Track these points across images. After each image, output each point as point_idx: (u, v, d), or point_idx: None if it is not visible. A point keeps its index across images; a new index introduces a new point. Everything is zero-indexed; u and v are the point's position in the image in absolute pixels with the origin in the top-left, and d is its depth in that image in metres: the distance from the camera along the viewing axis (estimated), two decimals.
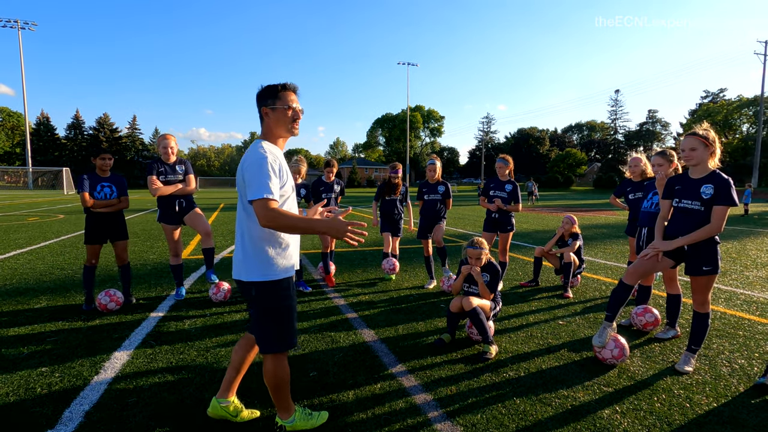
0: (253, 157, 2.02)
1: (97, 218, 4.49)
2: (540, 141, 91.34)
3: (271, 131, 2.17)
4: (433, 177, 5.66)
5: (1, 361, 3.19)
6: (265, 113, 2.15)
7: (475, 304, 3.50)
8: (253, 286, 2.10)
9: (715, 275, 3.07)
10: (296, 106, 2.17)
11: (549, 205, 25.65)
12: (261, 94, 2.17)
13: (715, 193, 2.95)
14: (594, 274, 6.41)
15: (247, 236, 2.11)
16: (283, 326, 2.15)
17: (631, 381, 2.98)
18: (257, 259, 2.09)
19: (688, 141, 3.05)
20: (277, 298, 2.13)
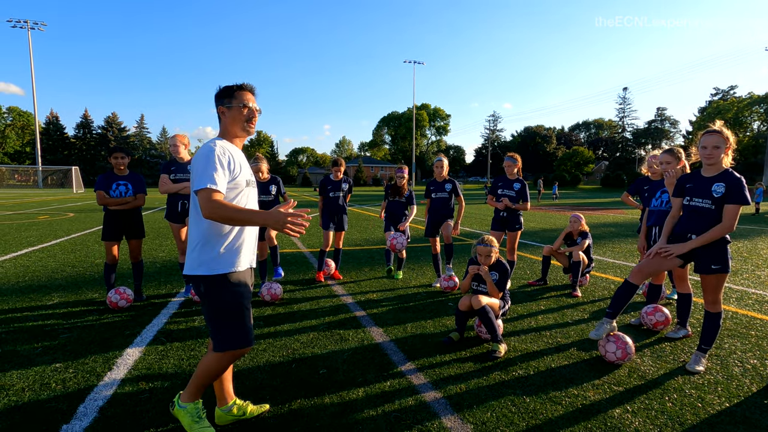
0: (202, 151, 2.04)
1: (114, 216, 4.57)
2: (547, 139, 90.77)
3: (227, 130, 2.19)
4: (440, 175, 5.65)
5: (16, 357, 3.25)
6: (222, 112, 2.17)
7: (484, 302, 3.49)
8: (201, 280, 2.07)
9: (725, 274, 3.03)
10: (252, 105, 2.18)
11: (556, 204, 25.49)
12: (218, 93, 2.18)
13: (726, 191, 2.92)
14: (603, 273, 6.37)
15: (195, 229, 2.08)
16: (234, 323, 2.10)
17: (641, 380, 2.96)
18: (206, 252, 2.05)
19: (713, 138, 2.98)
20: (225, 293, 2.07)
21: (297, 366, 3.15)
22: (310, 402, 2.64)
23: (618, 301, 3.22)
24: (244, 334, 2.12)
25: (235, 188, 2.10)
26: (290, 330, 3.91)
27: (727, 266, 3.00)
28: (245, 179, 2.16)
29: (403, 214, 6.04)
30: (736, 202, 2.90)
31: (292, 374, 3.02)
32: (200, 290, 2.09)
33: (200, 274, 2.05)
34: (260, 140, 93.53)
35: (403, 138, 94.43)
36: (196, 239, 2.07)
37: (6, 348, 3.42)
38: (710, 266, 3.00)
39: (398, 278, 5.90)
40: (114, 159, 4.56)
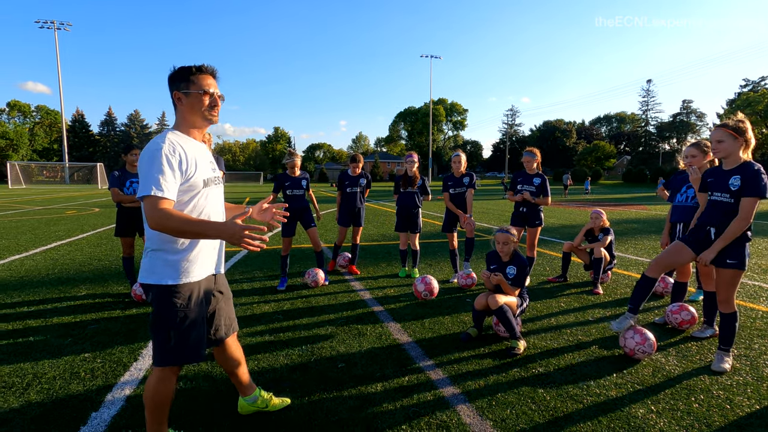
0: (148, 149, 1.78)
1: (126, 212, 4.72)
2: (566, 133, 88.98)
3: (184, 119, 1.92)
4: (458, 170, 5.59)
5: (48, 347, 3.37)
6: (177, 98, 1.89)
7: (501, 301, 3.44)
8: (150, 289, 1.89)
9: (741, 271, 2.95)
10: (214, 91, 1.92)
11: (576, 200, 25.01)
12: (172, 76, 1.89)
13: (742, 184, 2.87)
14: (625, 270, 6.23)
15: (147, 234, 1.89)
16: (176, 337, 1.89)
17: (666, 379, 2.89)
18: (156, 259, 1.87)
19: (715, 133, 3.00)
20: (171, 305, 1.87)
21: (316, 360, 3.18)
22: (330, 395, 2.67)
23: (638, 295, 3.23)
24: (185, 350, 1.91)
25: (190, 190, 1.86)
26: (309, 324, 3.95)
27: (743, 263, 2.93)
28: (202, 178, 1.90)
29: (416, 206, 5.71)
30: (751, 195, 2.84)
31: (311, 368, 3.05)
32: (149, 298, 1.93)
33: (149, 283, 1.88)
34: (278, 136, 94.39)
35: (420, 133, 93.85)
36: (148, 245, 1.90)
37: (38, 338, 3.56)
38: (725, 260, 2.95)
39: (414, 276, 5.75)
40: (132, 156, 4.68)
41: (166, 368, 1.94)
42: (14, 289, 5.00)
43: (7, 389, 2.71)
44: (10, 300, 4.59)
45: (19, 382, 2.80)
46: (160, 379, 1.94)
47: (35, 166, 60.08)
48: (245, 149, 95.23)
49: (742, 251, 2.93)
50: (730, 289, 3.00)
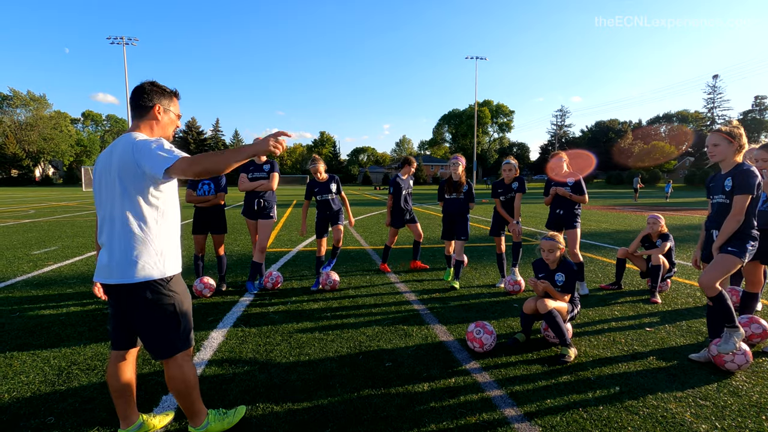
0: (145, 140, 1.93)
1: (199, 212, 5.11)
2: (621, 134, 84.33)
3: (155, 129, 2.11)
4: (509, 177, 5.50)
5: None
6: (159, 111, 2.10)
7: (551, 306, 3.38)
8: (147, 286, 1.95)
9: (737, 260, 3.06)
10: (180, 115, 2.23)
11: (633, 204, 23.65)
12: (159, 91, 2.11)
13: (733, 183, 3.08)
14: (687, 279, 5.86)
15: (129, 234, 1.93)
16: (185, 322, 2.08)
17: (733, 396, 2.72)
18: (148, 256, 1.95)
19: (712, 137, 3.18)
20: (175, 293, 2.04)
21: (364, 358, 3.28)
22: (378, 393, 2.75)
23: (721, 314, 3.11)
24: (191, 331, 2.14)
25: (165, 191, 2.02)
26: (356, 323, 4.06)
27: (742, 254, 3.05)
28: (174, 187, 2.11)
29: (464, 212, 5.39)
30: (740, 193, 3.04)
31: (359, 365, 3.15)
32: (144, 297, 1.96)
33: (151, 279, 1.96)
34: (323, 140, 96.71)
35: (464, 135, 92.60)
36: (133, 242, 1.93)
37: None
38: (727, 248, 3.11)
39: (455, 285, 5.30)
40: None
41: (181, 353, 2.09)
42: (92, 283, 5.50)
43: (90, 371, 3.03)
44: (89, 290, 5.07)
45: (100, 365, 3.11)
46: (184, 362, 2.10)
47: None
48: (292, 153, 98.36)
49: (744, 244, 3.07)
50: (714, 274, 3.05)
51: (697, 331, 3.86)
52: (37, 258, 7.11)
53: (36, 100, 70.25)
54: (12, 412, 2.51)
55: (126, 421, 2.21)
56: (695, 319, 4.19)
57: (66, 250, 7.84)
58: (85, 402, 2.62)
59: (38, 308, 4.44)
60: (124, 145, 1.95)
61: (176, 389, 2.10)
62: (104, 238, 1.99)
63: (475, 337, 3.34)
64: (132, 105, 2.10)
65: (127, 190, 1.92)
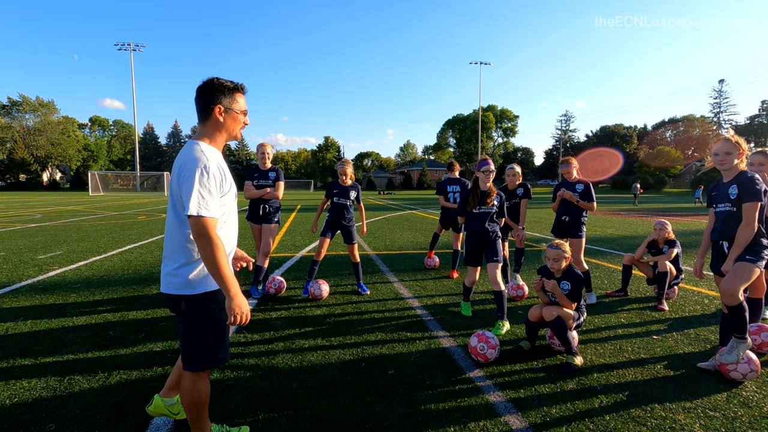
0: (192, 165, 1.82)
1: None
2: (626, 139, 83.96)
3: (218, 132, 2.01)
4: (513, 183, 5.48)
5: (125, 341, 3.70)
6: (219, 112, 1.97)
7: (556, 313, 3.33)
8: (183, 299, 1.94)
9: (755, 267, 3.02)
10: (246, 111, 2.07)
11: (638, 209, 23.47)
12: (216, 89, 1.96)
13: (739, 191, 3.06)
14: (694, 285, 5.78)
15: (176, 247, 1.93)
16: (214, 341, 2.01)
17: (743, 407, 2.66)
18: (188, 270, 1.92)
19: (726, 145, 3.14)
20: (209, 311, 1.98)
21: (366, 365, 3.25)
22: (381, 400, 2.71)
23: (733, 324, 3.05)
24: (225, 350, 2.07)
25: (224, 205, 1.96)
26: (359, 330, 4.03)
27: (758, 260, 3.03)
28: (234, 193, 2.05)
29: (493, 232, 4.23)
30: (749, 200, 3.02)
31: (362, 373, 3.11)
32: (180, 309, 1.96)
33: (185, 294, 1.93)
34: (328, 145, 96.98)
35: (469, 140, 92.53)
36: (178, 257, 1.93)
37: (117, 331, 3.92)
38: (745, 256, 3.08)
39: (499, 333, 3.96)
40: None
41: (201, 373, 2.05)
42: (96, 287, 5.53)
43: (91, 377, 3.02)
44: (93, 297, 5.08)
45: (102, 371, 3.10)
46: (198, 380, 2.04)
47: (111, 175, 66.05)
48: (297, 158, 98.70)
49: (760, 252, 3.04)
50: (739, 282, 2.97)
51: (706, 339, 3.80)
52: (43, 262, 7.14)
53: (44, 105, 71.09)
54: (13, 418, 2.50)
55: (164, 391, 2.38)
56: (703, 327, 4.13)
57: (71, 255, 7.88)
58: (86, 408, 2.60)
59: (42, 313, 4.45)
60: (179, 157, 1.93)
61: (185, 401, 2.08)
62: (164, 242, 2.02)
63: (479, 353, 3.28)
64: (196, 106, 1.99)
65: (175, 205, 1.92)
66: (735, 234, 3.10)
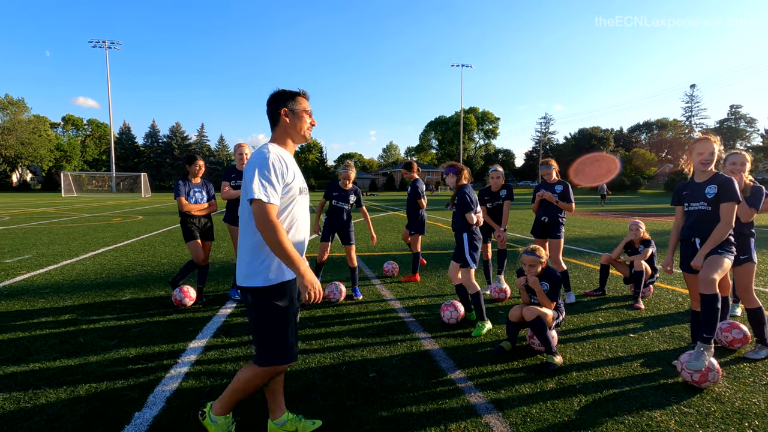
0: (256, 157, 1.99)
1: (192, 220, 4.95)
2: (603, 141, 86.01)
3: (286, 134, 2.15)
4: (497, 185, 5.50)
5: (95, 348, 3.56)
6: (285, 114, 2.12)
7: (537, 313, 3.36)
8: (249, 291, 2.02)
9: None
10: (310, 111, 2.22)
11: (615, 209, 24.05)
12: (281, 95, 2.14)
13: (718, 191, 3.14)
14: (668, 284, 5.93)
15: (246, 237, 2.03)
16: (279, 337, 2.04)
17: (716, 403, 2.72)
18: (256, 262, 2.00)
19: (711, 145, 3.23)
20: (274, 305, 2.02)
21: (347, 368, 3.20)
22: (362, 405, 2.67)
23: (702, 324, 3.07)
24: (288, 350, 2.07)
25: (288, 197, 2.05)
26: (340, 332, 3.98)
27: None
28: (299, 187, 2.12)
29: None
30: (728, 200, 3.10)
31: (343, 376, 3.07)
32: (248, 300, 2.05)
33: (250, 285, 2.01)
34: (310, 146, 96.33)
35: (451, 142, 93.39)
36: (248, 248, 2.02)
37: (88, 337, 3.77)
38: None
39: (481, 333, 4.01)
40: (197, 167, 4.98)
41: (268, 368, 2.07)
42: (66, 292, 5.32)
43: (59, 386, 2.88)
44: (63, 303, 4.89)
45: (70, 380, 2.97)
46: (258, 376, 2.09)
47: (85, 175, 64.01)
48: None
49: (730, 247, 3.16)
50: (715, 270, 3.05)
51: (680, 337, 3.89)
52: (9, 267, 6.84)
53: (14, 103, 68.37)
54: None
55: (272, 414, 2.35)
56: (677, 325, 4.23)
57: (41, 259, 7.58)
58: (52, 420, 2.48)
59: (7, 320, 4.25)
60: (251, 156, 2.06)
61: (236, 385, 2.13)
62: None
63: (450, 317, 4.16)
64: (268, 116, 2.18)
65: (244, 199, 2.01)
66: (708, 232, 3.16)
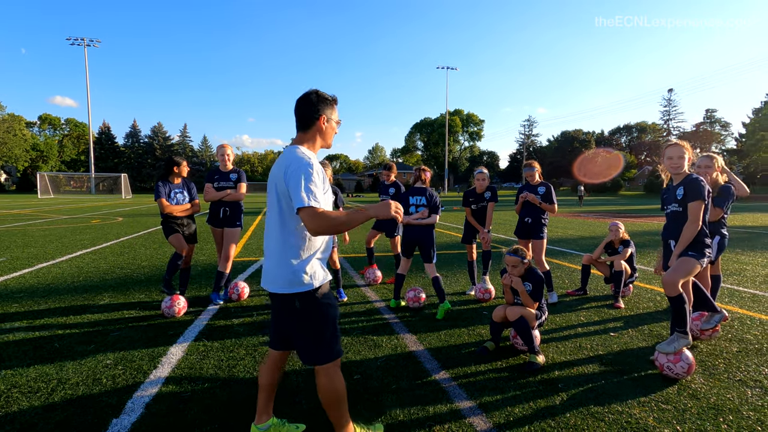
0: (297, 165, 1.96)
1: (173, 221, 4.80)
2: (585, 143, 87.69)
3: (318, 140, 2.15)
4: (482, 186, 5.54)
5: (72, 353, 3.46)
6: (323, 121, 2.12)
7: (520, 313, 3.40)
8: (296, 297, 2.01)
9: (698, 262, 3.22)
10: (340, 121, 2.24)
11: (595, 211, 24.53)
12: (323, 100, 2.12)
13: (684, 191, 3.26)
14: (647, 284, 6.07)
15: (281, 244, 2.03)
16: (334, 330, 2.11)
17: (692, 399, 2.79)
18: (298, 267, 2.00)
19: (678, 149, 3.35)
20: (328, 303, 2.08)
21: None
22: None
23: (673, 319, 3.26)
24: (338, 343, 2.15)
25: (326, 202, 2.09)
26: None
27: (701, 255, 3.23)
28: (330, 197, 2.18)
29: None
30: (693, 200, 3.21)
31: None
32: (295, 307, 2.03)
33: (299, 291, 2.00)
34: None
35: (436, 144, 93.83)
36: (285, 255, 2.01)
37: (63, 343, 3.66)
38: (687, 252, 3.28)
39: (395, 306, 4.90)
40: (183, 167, 4.85)
41: (333, 362, 2.10)
42: (41, 296, 5.16)
43: (32, 393, 2.79)
44: (38, 307, 4.74)
45: (44, 387, 2.88)
46: (335, 372, 2.11)
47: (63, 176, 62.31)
48: (263, 160, 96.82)
49: (702, 249, 3.24)
50: (679, 274, 3.16)
51: (658, 335, 3.98)
52: None
53: None
54: None
55: (258, 418, 2.31)
56: (656, 323, 4.32)
57: (15, 262, 7.34)
58: (24, 428, 2.40)
59: None
60: (284, 160, 2.04)
61: (325, 399, 2.12)
62: (265, 244, 2.14)
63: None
64: (297, 116, 2.12)
65: (281, 205, 2.02)
66: (678, 231, 3.28)
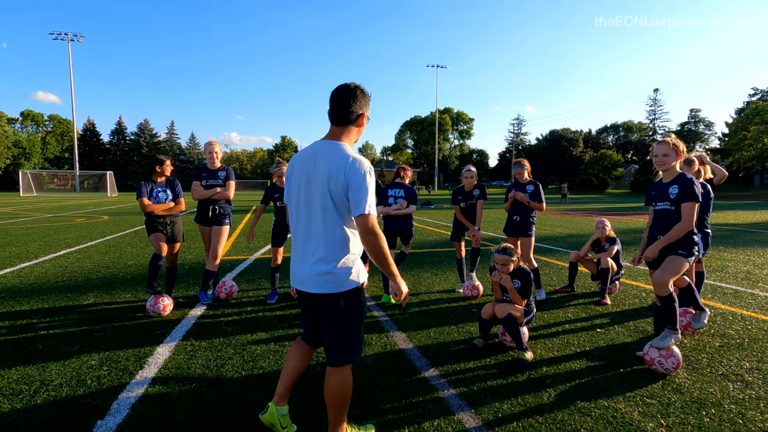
0: (361, 170, 1.94)
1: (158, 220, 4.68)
2: (573, 142, 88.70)
3: (354, 136, 2.13)
4: (470, 184, 5.57)
5: (55, 354, 3.40)
6: (363, 120, 2.10)
7: (509, 310, 3.43)
8: (341, 296, 2.01)
9: (686, 261, 3.26)
10: None
11: (582, 209, 24.84)
12: (367, 97, 2.10)
13: (679, 192, 3.27)
14: (633, 280, 6.16)
15: (324, 244, 2.00)
16: (363, 332, 2.15)
17: (676, 393, 2.84)
18: (343, 267, 2.00)
19: (662, 147, 3.37)
20: (362, 303, 2.11)
21: (321, 369, 3.17)
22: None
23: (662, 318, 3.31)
24: (363, 346, 2.21)
25: None
26: None
27: (691, 253, 3.27)
28: None
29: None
30: (688, 200, 3.24)
31: (317, 377, 3.04)
32: (339, 306, 2.02)
33: (347, 289, 2.01)
34: (284, 145, 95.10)
35: (426, 142, 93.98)
36: (336, 256, 1.99)
37: (46, 344, 3.59)
38: (677, 250, 3.30)
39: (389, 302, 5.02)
40: (167, 166, 4.71)
41: (348, 365, 2.11)
42: (24, 296, 5.06)
43: (14, 396, 2.73)
44: (20, 307, 4.64)
45: (27, 389, 2.82)
46: (349, 373, 2.12)
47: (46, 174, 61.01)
48: (252, 158, 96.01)
49: (692, 248, 3.29)
50: (669, 273, 3.22)
51: (643, 331, 4.04)
52: None
53: None
54: None
55: (277, 399, 2.29)
56: (641, 319, 4.40)
57: None
58: (6, 431, 2.35)
59: None
60: (335, 158, 1.97)
61: (336, 398, 2.09)
62: (300, 244, 2.08)
63: None
64: (336, 108, 2.04)
65: (334, 203, 1.98)
66: (668, 228, 3.33)
